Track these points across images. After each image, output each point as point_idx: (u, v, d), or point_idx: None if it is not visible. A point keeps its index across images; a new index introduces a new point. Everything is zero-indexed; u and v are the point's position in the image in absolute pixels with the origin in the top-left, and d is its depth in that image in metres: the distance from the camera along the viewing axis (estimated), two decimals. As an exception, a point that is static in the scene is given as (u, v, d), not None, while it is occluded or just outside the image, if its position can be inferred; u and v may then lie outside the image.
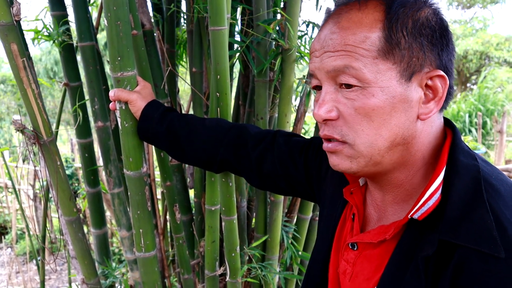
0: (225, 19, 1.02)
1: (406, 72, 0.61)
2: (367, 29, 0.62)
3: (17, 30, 0.99)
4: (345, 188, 0.77)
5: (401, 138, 0.63)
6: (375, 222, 0.73)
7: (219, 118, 1.09)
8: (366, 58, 0.61)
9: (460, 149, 0.64)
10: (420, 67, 0.62)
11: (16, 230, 4.94)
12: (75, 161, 5.34)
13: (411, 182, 0.67)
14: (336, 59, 0.63)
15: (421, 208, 0.62)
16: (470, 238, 0.57)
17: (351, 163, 0.66)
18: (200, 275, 1.61)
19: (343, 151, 0.66)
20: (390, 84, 0.61)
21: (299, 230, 1.58)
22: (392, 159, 0.65)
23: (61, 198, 1.21)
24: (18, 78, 1.01)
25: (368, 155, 0.64)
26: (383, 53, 0.61)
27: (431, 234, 0.61)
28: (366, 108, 0.62)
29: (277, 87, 1.43)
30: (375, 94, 0.61)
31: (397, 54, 0.61)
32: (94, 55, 1.38)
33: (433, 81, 0.62)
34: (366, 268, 0.69)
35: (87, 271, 1.35)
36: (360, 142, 0.64)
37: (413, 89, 0.62)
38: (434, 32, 0.62)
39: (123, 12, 0.93)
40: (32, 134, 1.07)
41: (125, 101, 1.01)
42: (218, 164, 1.04)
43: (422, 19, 0.62)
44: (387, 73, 0.61)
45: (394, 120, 0.62)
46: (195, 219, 1.59)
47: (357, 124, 0.63)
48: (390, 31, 0.61)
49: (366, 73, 0.61)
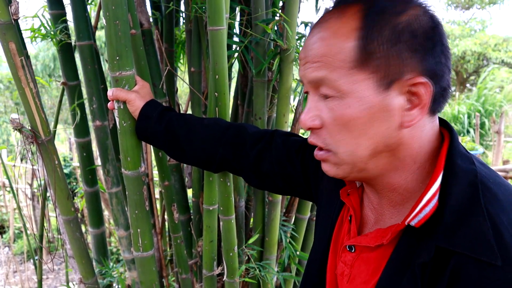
0: (224, 19, 1.02)
1: (384, 81, 0.60)
2: (343, 39, 0.61)
3: (15, 29, 0.99)
4: (342, 190, 0.77)
5: (383, 146, 0.63)
6: (373, 224, 0.73)
7: (218, 117, 1.09)
8: (342, 69, 0.61)
9: (458, 153, 0.63)
10: (400, 75, 0.60)
11: (13, 229, 4.93)
12: (73, 160, 5.33)
13: (405, 187, 0.66)
14: (314, 70, 0.63)
15: (418, 215, 0.61)
16: (467, 245, 0.56)
17: (337, 170, 0.67)
18: (198, 275, 1.61)
19: (329, 158, 0.67)
20: (367, 94, 0.60)
21: (297, 230, 1.58)
22: (378, 166, 0.65)
23: (58, 197, 1.21)
24: (16, 77, 1.00)
25: (351, 163, 0.65)
26: (358, 63, 0.60)
27: (428, 241, 0.60)
28: (343, 118, 0.62)
29: (276, 87, 1.43)
30: (351, 105, 0.61)
31: (373, 64, 0.60)
32: (92, 54, 1.38)
33: (416, 88, 0.60)
34: (364, 270, 0.69)
35: (84, 271, 1.35)
36: (342, 151, 0.65)
37: (393, 98, 0.60)
38: (415, 37, 0.59)
39: (121, 11, 0.93)
40: (30, 133, 1.07)
41: (123, 100, 1.00)
42: (217, 164, 1.04)
43: (402, 24, 0.59)
44: (363, 83, 0.60)
45: (374, 129, 0.62)
46: (193, 218, 1.59)
47: (337, 134, 0.64)
48: (365, 41, 0.60)
49: (342, 85, 0.61)
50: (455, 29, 15.58)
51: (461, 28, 15.69)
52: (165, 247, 1.94)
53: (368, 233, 0.69)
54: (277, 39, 1.26)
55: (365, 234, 0.70)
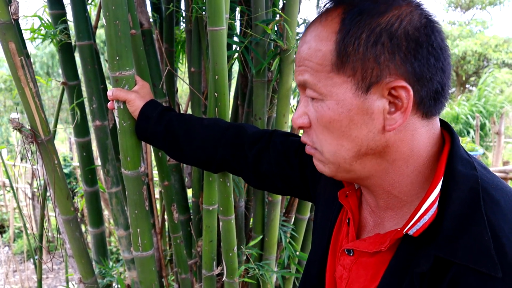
0: (224, 19, 1.02)
1: (362, 84, 0.59)
2: (323, 43, 0.61)
3: (15, 28, 0.99)
4: (340, 191, 0.76)
5: (367, 149, 0.63)
6: (371, 228, 0.72)
7: (217, 118, 1.09)
8: (320, 73, 0.62)
9: (459, 158, 0.61)
10: (378, 78, 0.59)
11: (13, 229, 4.93)
12: (73, 160, 5.33)
13: (400, 190, 0.65)
14: (299, 74, 0.65)
15: (417, 224, 0.60)
16: (466, 255, 0.55)
17: (324, 167, 0.69)
18: (197, 275, 1.61)
19: (316, 155, 0.69)
20: (345, 97, 0.61)
21: (297, 230, 1.58)
22: (366, 168, 0.65)
23: (58, 197, 1.21)
24: (16, 76, 1.00)
25: (336, 163, 0.66)
26: (336, 66, 0.60)
27: (427, 249, 0.59)
28: (324, 120, 0.63)
29: (276, 88, 1.43)
30: (331, 107, 0.62)
31: (349, 67, 0.60)
32: (92, 54, 1.38)
33: (397, 91, 0.59)
34: (362, 275, 0.68)
35: (84, 270, 1.35)
36: (326, 151, 0.66)
37: (373, 101, 0.60)
38: (394, 38, 0.58)
39: (121, 12, 0.93)
40: (30, 132, 1.07)
41: (123, 100, 1.01)
42: (217, 164, 1.04)
43: (381, 26, 0.58)
44: (342, 86, 0.61)
45: (354, 132, 0.62)
46: (193, 218, 1.59)
47: (320, 134, 0.65)
48: (341, 44, 0.60)
49: (321, 88, 0.62)
50: (455, 29, 15.57)
51: (461, 29, 15.68)
52: (165, 247, 1.94)
53: (367, 237, 0.69)
54: (277, 39, 1.26)
55: (363, 239, 0.69)
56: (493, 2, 17.05)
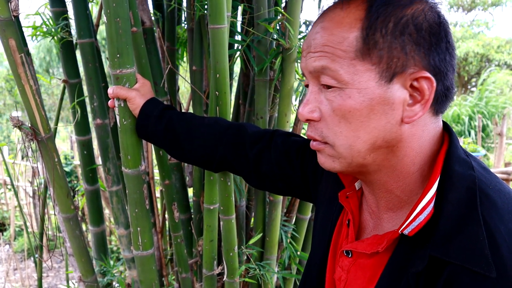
0: (225, 17, 1.01)
1: (387, 73, 0.59)
2: (346, 29, 0.60)
3: (15, 25, 0.99)
4: (340, 192, 0.75)
5: (382, 141, 0.62)
6: (371, 230, 0.71)
7: (218, 117, 1.08)
8: (343, 59, 0.60)
9: (456, 158, 0.61)
10: (403, 68, 0.59)
11: (14, 227, 4.94)
12: (74, 158, 5.33)
13: (403, 189, 0.65)
14: (316, 60, 0.62)
15: (412, 223, 0.59)
16: (461, 255, 0.55)
17: (333, 163, 0.66)
18: (198, 274, 1.61)
19: (325, 150, 0.66)
20: (368, 86, 0.59)
21: (298, 230, 1.58)
22: (376, 161, 0.64)
23: (58, 195, 1.21)
24: (16, 74, 1.00)
25: (349, 156, 0.63)
26: (360, 54, 0.59)
27: (422, 249, 0.59)
28: (343, 109, 0.61)
29: (278, 87, 1.42)
30: (351, 95, 0.60)
31: (375, 55, 0.59)
32: (93, 52, 1.37)
33: (419, 83, 0.59)
34: (360, 277, 0.68)
35: (84, 269, 1.35)
36: (339, 144, 0.63)
37: (395, 91, 0.59)
38: (420, 30, 0.58)
39: (122, 9, 0.93)
40: (30, 130, 1.06)
41: (124, 98, 1.00)
42: (217, 163, 1.03)
43: (407, 16, 0.58)
44: (365, 74, 0.59)
45: (373, 122, 0.60)
46: (194, 218, 1.59)
47: (335, 126, 0.63)
48: (368, 31, 0.59)
49: (343, 75, 0.60)
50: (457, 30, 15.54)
51: (464, 30, 15.66)
52: (166, 246, 1.94)
53: (365, 239, 0.68)
54: (279, 38, 1.26)
55: (361, 240, 0.69)
56: (495, 3, 17.02)
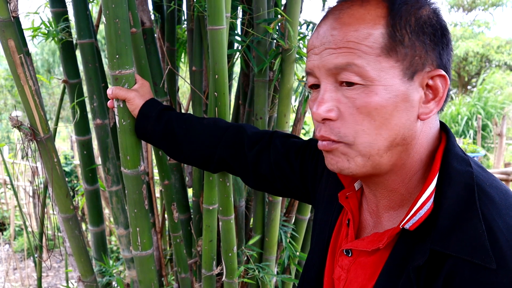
0: (224, 19, 1.01)
1: (409, 71, 0.60)
2: (370, 26, 0.60)
3: (15, 26, 0.99)
4: (340, 193, 0.75)
5: (401, 138, 0.62)
6: (371, 229, 0.72)
7: (217, 118, 1.08)
8: (369, 56, 0.59)
9: (454, 155, 0.62)
10: (422, 66, 0.61)
11: (14, 227, 4.94)
12: (74, 158, 5.33)
13: (407, 186, 0.66)
14: (338, 56, 0.61)
15: (413, 218, 0.60)
16: (461, 248, 0.56)
17: (348, 163, 0.64)
18: (197, 274, 1.61)
19: (339, 149, 0.64)
20: (393, 83, 0.60)
21: (297, 230, 1.58)
22: (391, 160, 0.63)
23: (57, 195, 1.21)
24: (15, 74, 1.00)
25: (367, 155, 0.62)
26: (386, 50, 0.59)
27: (423, 244, 0.60)
28: (368, 107, 0.60)
29: (277, 87, 1.42)
30: (378, 92, 0.60)
31: (400, 52, 0.60)
32: (93, 52, 1.37)
33: (434, 81, 0.61)
34: (360, 275, 0.68)
35: (83, 269, 1.35)
36: (360, 142, 0.62)
37: (414, 88, 0.61)
38: (436, 30, 0.61)
39: (121, 10, 0.93)
40: (29, 131, 1.06)
41: (123, 99, 1.00)
42: (215, 164, 1.03)
43: (424, 17, 0.61)
44: (390, 71, 0.60)
45: (395, 119, 0.61)
46: (193, 218, 1.59)
47: (358, 124, 0.61)
48: (394, 28, 0.60)
49: (370, 71, 0.59)
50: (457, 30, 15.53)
51: (463, 29, 15.65)
52: (165, 246, 1.94)
53: (365, 237, 0.69)
54: (278, 39, 1.26)
55: (362, 238, 0.69)
56: (495, 3, 17.02)
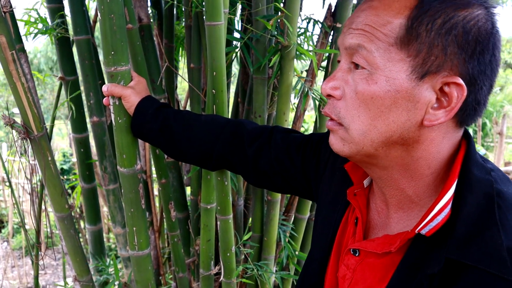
0: (222, 14, 0.99)
1: (420, 69, 0.57)
2: (393, 14, 0.58)
3: (6, 22, 0.96)
4: (349, 189, 0.74)
5: (398, 137, 0.60)
6: (379, 229, 0.70)
7: (216, 114, 1.06)
8: (381, 42, 0.58)
9: (474, 162, 0.60)
10: (437, 68, 0.56)
11: (12, 224, 4.93)
12: (73, 155, 5.32)
13: (415, 190, 0.64)
14: (353, 37, 0.61)
15: (429, 224, 0.59)
16: (479, 258, 0.54)
17: (343, 146, 0.65)
18: (195, 274, 1.59)
19: (338, 132, 0.65)
20: (398, 77, 0.58)
21: (297, 229, 1.56)
22: (389, 157, 0.62)
23: (52, 194, 1.19)
24: (7, 71, 0.98)
25: (360, 143, 0.62)
26: (400, 42, 0.57)
27: (438, 251, 0.58)
28: (365, 94, 0.59)
29: (276, 84, 1.40)
30: (378, 81, 0.58)
31: (414, 47, 0.57)
32: (90, 49, 1.35)
33: (450, 88, 0.57)
34: (369, 277, 0.67)
35: (79, 268, 1.33)
36: (354, 128, 0.62)
37: (423, 90, 0.57)
38: (467, 34, 0.56)
39: (117, 5, 0.91)
40: (22, 129, 1.04)
41: (119, 96, 0.98)
42: (214, 161, 1.01)
43: (458, 17, 0.56)
44: (398, 63, 0.58)
45: (393, 115, 0.59)
46: (191, 216, 1.57)
47: (354, 109, 0.61)
48: (414, 21, 0.57)
49: (377, 57, 0.58)
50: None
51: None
52: (163, 245, 1.92)
53: (375, 238, 0.67)
54: (277, 35, 1.24)
55: (371, 239, 0.67)
56: (496, 2, 16.98)
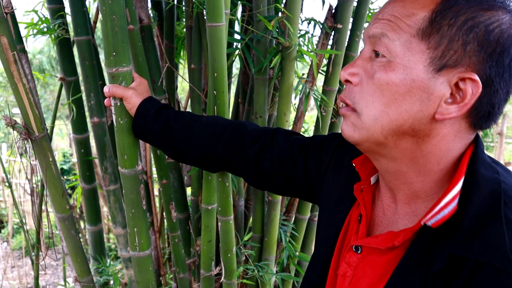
0: (223, 15, 0.99)
1: (438, 62, 0.58)
2: (419, 7, 0.60)
3: (7, 22, 0.96)
4: (356, 184, 0.75)
5: (409, 128, 0.61)
6: (384, 227, 0.71)
7: (217, 115, 1.06)
8: (404, 33, 0.60)
9: (481, 161, 0.61)
10: (455, 63, 0.58)
11: (12, 224, 4.93)
12: (73, 156, 5.32)
13: (422, 185, 0.65)
14: (378, 26, 0.63)
15: (436, 216, 0.59)
16: (482, 252, 0.55)
17: (353, 132, 0.66)
18: (196, 274, 1.59)
19: (351, 117, 0.66)
20: (415, 67, 0.59)
21: (297, 230, 1.56)
22: (398, 147, 0.64)
23: (52, 195, 1.19)
24: (8, 72, 0.98)
25: (371, 129, 0.63)
26: (422, 33, 0.59)
27: (442, 247, 0.58)
28: (381, 80, 0.61)
29: (277, 85, 1.40)
30: (396, 69, 0.60)
31: (435, 40, 0.58)
32: (90, 49, 1.35)
33: (465, 84, 0.58)
34: (369, 274, 0.67)
35: (79, 269, 1.33)
36: (366, 114, 0.63)
37: (439, 83, 0.59)
38: (489, 34, 0.57)
39: (118, 6, 0.91)
40: (23, 129, 1.04)
41: (120, 97, 0.98)
42: (215, 162, 1.01)
43: (482, 17, 0.57)
44: (417, 54, 0.59)
45: (406, 104, 0.60)
46: (192, 217, 1.57)
47: (369, 95, 0.63)
48: (438, 15, 0.58)
49: (397, 46, 0.60)
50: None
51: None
52: (164, 245, 1.92)
53: (379, 235, 0.67)
54: (278, 36, 1.24)
55: (375, 236, 0.68)
56: None
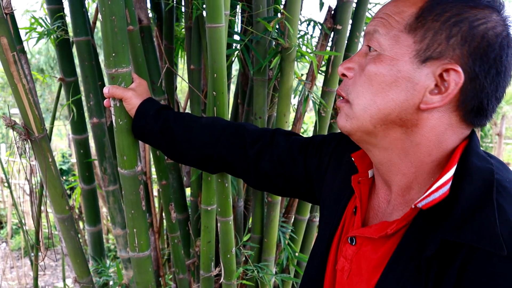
0: (223, 16, 0.99)
1: (422, 54, 0.61)
2: (409, 5, 0.64)
3: (7, 23, 0.96)
4: (354, 176, 0.76)
5: (396, 117, 0.64)
6: (379, 220, 0.72)
7: (216, 116, 1.06)
8: (393, 28, 0.64)
9: (475, 153, 0.62)
10: (439, 55, 0.60)
11: (11, 225, 4.92)
12: (72, 156, 5.31)
13: (415, 177, 0.66)
14: (372, 23, 0.67)
15: (427, 198, 0.61)
16: (473, 236, 0.56)
17: (346, 122, 0.69)
18: (195, 275, 1.59)
19: (344, 108, 0.70)
20: (402, 58, 0.63)
21: (296, 231, 1.56)
22: (388, 137, 0.66)
23: (52, 195, 1.19)
24: (8, 72, 0.98)
25: (360, 118, 0.67)
26: (409, 27, 0.63)
27: (434, 233, 0.59)
28: (371, 71, 0.65)
29: (276, 86, 1.40)
30: (384, 60, 0.64)
31: (420, 33, 0.62)
32: (90, 50, 1.35)
33: (449, 75, 0.60)
34: (364, 266, 0.67)
35: (79, 270, 1.33)
36: (356, 103, 0.67)
37: (423, 74, 0.61)
38: (473, 29, 0.59)
39: (118, 7, 0.91)
40: (23, 130, 1.04)
41: (120, 98, 0.98)
42: (214, 163, 1.01)
43: (468, 14, 0.60)
44: (404, 47, 0.63)
45: (393, 94, 0.63)
46: (191, 217, 1.57)
47: (360, 85, 0.66)
48: (425, 10, 0.62)
49: (386, 40, 0.64)
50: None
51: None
52: (163, 245, 1.92)
53: (373, 225, 0.68)
54: (278, 37, 1.24)
55: (369, 226, 0.69)
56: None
